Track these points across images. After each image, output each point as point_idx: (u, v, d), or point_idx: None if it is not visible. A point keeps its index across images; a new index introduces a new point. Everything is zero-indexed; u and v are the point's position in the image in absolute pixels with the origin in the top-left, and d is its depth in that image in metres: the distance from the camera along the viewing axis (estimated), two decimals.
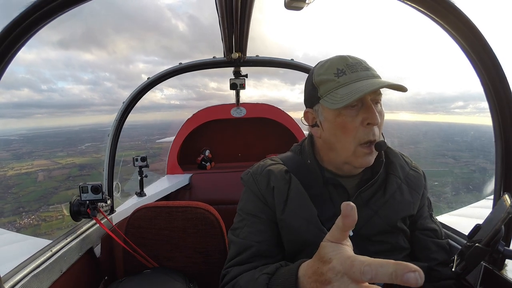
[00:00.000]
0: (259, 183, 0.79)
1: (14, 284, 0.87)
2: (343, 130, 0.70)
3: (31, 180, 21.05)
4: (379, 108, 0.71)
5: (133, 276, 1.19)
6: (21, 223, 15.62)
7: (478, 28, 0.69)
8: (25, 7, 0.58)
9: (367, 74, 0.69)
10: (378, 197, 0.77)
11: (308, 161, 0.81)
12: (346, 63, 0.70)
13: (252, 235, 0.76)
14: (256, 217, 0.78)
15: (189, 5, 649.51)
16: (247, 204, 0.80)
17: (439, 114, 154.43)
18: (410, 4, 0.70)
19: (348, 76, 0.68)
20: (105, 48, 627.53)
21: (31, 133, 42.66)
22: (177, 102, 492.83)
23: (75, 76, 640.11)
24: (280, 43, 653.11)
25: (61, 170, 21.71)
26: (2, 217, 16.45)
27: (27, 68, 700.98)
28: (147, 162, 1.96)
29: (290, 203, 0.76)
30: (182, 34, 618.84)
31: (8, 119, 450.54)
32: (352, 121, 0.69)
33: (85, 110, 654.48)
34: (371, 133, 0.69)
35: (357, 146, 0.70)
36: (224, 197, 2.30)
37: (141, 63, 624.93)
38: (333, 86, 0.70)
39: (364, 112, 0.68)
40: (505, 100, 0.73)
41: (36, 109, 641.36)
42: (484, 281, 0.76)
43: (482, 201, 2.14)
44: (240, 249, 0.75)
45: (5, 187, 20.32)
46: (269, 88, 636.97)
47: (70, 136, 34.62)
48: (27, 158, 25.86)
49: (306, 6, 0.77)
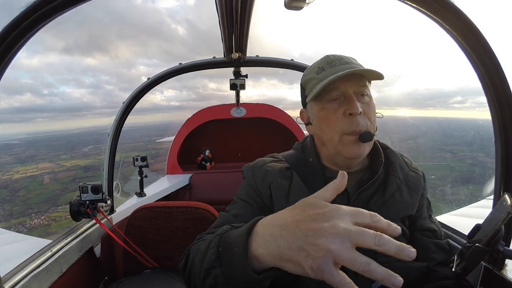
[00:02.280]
0: (256, 177, 0.82)
1: (14, 284, 0.87)
2: (326, 122, 0.74)
3: (37, 183, 21.34)
4: (366, 100, 0.73)
5: (133, 276, 1.19)
6: (31, 223, 15.94)
7: (478, 28, 0.69)
8: (25, 7, 0.58)
9: (344, 67, 0.71)
10: (378, 198, 0.77)
11: (310, 159, 0.82)
12: (326, 61, 0.74)
13: (237, 215, 0.76)
14: (246, 202, 0.79)
15: (187, 9, 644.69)
16: (241, 191, 0.83)
17: (438, 109, 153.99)
18: (410, 4, 0.70)
19: (326, 72, 0.72)
20: (108, 53, 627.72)
21: (32, 137, 43.03)
22: (177, 103, 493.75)
23: (77, 80, 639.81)
24: (276, 43, 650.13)
25: (66, 173, 21.98)
26: (12, 218, 16.75)
27: (30, 74, 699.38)
28: (147, 162, 1.97)
29: (292, 199, 0.76)
30: (181, 37, 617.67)
31: (9, 123, 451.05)
32: (334, 113, 0.72)
33: (87, 113, 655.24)
34: (354, 123, 0.70)
35: (342, 135, 0.72)
36: (224, 197, 2.30)
37: (142, 66, 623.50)
38: (314, 83, 0.74)
39: (345, 104, 0.71)
40: (505, 100, 0.73)
41: (37, 113, 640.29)
42: (484, 281, 0.75)
43: (482, 201, 2.14)
44: (220, 222, 0.75)
45: (12, 190, 20.62)
46: (267, 87, 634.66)
47: (71, 139, 34.97)
48: (31, 161, 26.15)
49: (306, 6, 0.78)
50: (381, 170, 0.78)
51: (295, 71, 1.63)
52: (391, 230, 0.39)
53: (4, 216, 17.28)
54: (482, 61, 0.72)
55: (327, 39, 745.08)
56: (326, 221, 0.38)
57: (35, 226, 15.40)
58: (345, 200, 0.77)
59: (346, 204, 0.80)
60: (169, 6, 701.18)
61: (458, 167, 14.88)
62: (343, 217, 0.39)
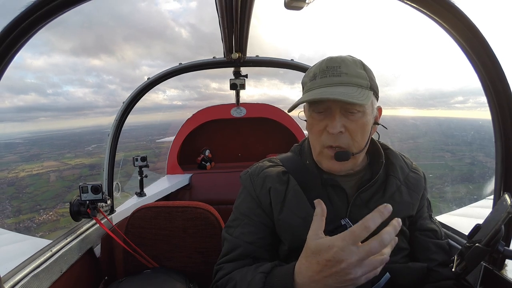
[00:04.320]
0: (255, 185, 0.82)
1: (14, 284, 0.87)
2: (311, 130, 0.76)
3: (44, 180, 21.77)
4: (356, 117, 0.70)
5: (133, 276, 1.19)
6: (39, 219, 16.54)
7: (478, 28, 0.69)
8: (25, 7, 0.58)
9: (333, 80, 0.69)
10: (378, 198, 0.77)
11: (307, 162, 0.82)
12: (321, 68, 0.72)
13: (243, 235, 0.78)
14: (249, 218, 0.80)
15: (190, 11, 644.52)
16: (242, 204, 0.83)
17: (440, 109, 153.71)
18: (410, 4, 0.70)
19: (315, 81, 0.72)
20: (113, 55, 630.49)
21: (35, 136, 43.41)
22: (179, 103, 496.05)
23: (82, 80, 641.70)
24: (276, 44, 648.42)
25: (72, 171, 22.33)
26: (21, 214, 17.08)
27: (36, 74, 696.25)
28: (147, 162, 1.97)
29: (287, 203, 0.77)
30: (185, 40, 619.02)
31: (12, 122, 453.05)
32: (317, 125, 0.73)
33: (89, 112, 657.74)
34: (332, 139, 0.71)
35: (323, 148, 0.74)
36: (224, 197, 2.30)
37: (145, 67, 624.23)
38: (307, 88, 0.74)
39: (327, 120, 0.71)
40: (505, 100, 0.73)
41: (40, 112, 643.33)
42: (484, 281, 0.75)
43: (482, 201, 2.14)
44: (231, 247, 0.78)
45: (19, 187, 21.01)
46: (269, 87, 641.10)
47: (74, 138, 35.33)
48: (36, 160, 26.48)
49: (306, 6, 0.77)
50: (381, 171, 0.78)
51: (296, 71, 1.63)
52: (384, 216, 0.50)
53: (12, 212, 17.80)
54: (482, 61, 0.72)
55: (327, 39, 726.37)
56: (339, 263, 0.49)
57: (44, 221, 15.95)
58: (344, 201, 0.77)
59: (346, 205, 0.79)
60: (172, 9, 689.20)
61: (457, 166, 14.99)
62: (346, 249, 0.48)
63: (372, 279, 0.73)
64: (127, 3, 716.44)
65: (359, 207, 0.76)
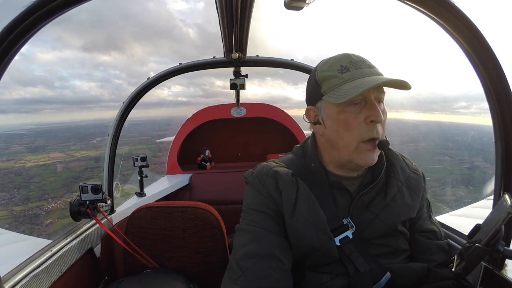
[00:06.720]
0: (267, 185, 0.76)
1: (14, 284, 0.87)
2: (346, 127, 0.69)
3: (50, 171, 22.26)
4: (382, 107, 0.70)
5: (133, 276, 1.19)
6: (48, 207, 16.87)
7: (478, 28, 0.69)
8: (25, 7, 0.58)
9: (371, 71, 0.69)
10: (379, 201, 0.76)
11: (313, 165, 0.79)
12: (349, 60, 0.70)
13: (257, 223, 0.72)
14: (263, 213, 0.75)
15: (197, 12, 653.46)
16: (253, 201, 0.77)
17: (444, 114, 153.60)
18: (410, 4, 0.70)
19: (352, 73, 0.68)
20: (124, 52, 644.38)
21: (40, 128, 43.68)
22: (184, 99, 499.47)
23: (90, 75, 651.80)
24: (278, 45, 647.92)
25: (78, 162, 22.68)
26: (30, 202, 17.58)
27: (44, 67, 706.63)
28: (147, 162, 1.97)
29: (299, 207, 0.73)
30: (191, 39, 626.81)
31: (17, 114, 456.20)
32: (355, 118, 0.68)
33: (94, 106, 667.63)
34: (374, 130, 0.68)
35: (359, 142, 0.69)
36: (224, 197, 2.30)
37: (152, 63, 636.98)
38: (337, 82, 0.69)
39: (367, 110, 0.68)
40: (505, 101, 0.73)
41: (46, 104, 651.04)
42: (484, 281, 0.75)
43: (482, 201, 2.14)
44: (249, 240, 0.71)
45: (27, 176, 21.42)
46: (273, 86, 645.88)
47: (79, 131, 35.53)
48: (42, 151, 26.74)
49: (306, 6, 0.77)
50: (382, 173, 0.77)
51: (298, 72, 1.63)
52: None
53: (21, 200, 18.05)
54: (482, 61, 0.72)
55: (329, 41, 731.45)
56: None
57: (53, 209, 16.30)
58: (348, 202, 0.77)
59: (349, 206, 0.79)
60: (181, 9, 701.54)
61: (456, 170, 15.12)
62: None
63: (373, 278, 0.73)
64: (138, 3, 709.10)
65: (360, 210, 0.75)
